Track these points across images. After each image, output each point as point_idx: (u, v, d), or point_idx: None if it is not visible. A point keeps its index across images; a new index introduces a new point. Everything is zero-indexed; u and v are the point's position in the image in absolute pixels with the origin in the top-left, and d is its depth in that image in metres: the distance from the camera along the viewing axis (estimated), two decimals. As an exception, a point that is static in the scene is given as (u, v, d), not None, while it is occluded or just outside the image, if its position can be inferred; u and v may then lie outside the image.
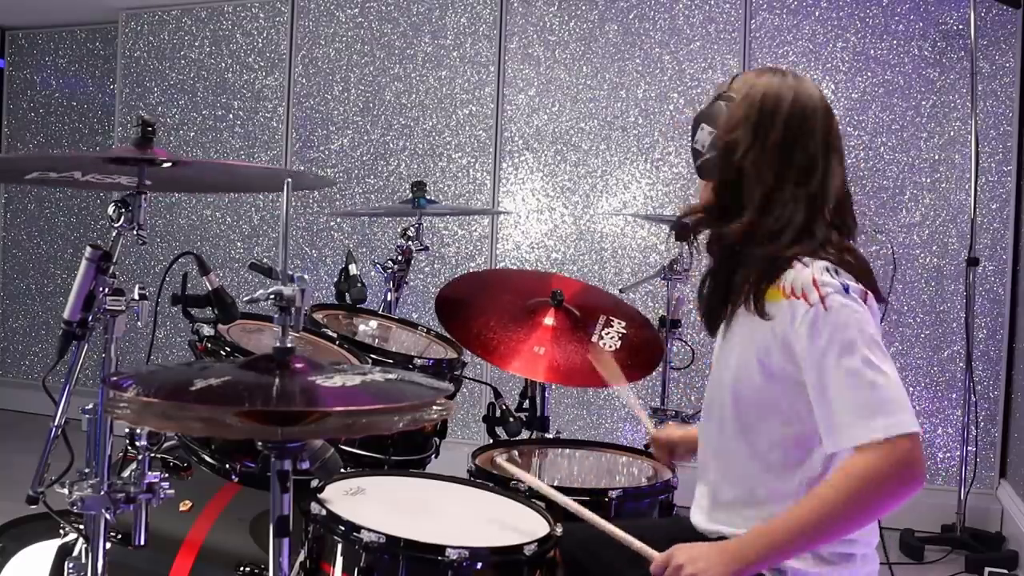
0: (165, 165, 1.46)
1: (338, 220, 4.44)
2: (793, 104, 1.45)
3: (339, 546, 1.47)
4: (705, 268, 1.59)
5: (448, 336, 2.34)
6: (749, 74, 1.52)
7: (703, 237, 1.55)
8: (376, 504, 1.64)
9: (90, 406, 1.49)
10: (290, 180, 1.31)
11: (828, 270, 1.36)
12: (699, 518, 1.56)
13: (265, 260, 2.71)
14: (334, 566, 1.48)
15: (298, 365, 1.25)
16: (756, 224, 1.43)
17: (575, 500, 1.61)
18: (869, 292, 1.38)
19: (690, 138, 1.55)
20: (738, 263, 1.48)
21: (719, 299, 1.53)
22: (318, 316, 2.29)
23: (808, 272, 1.36)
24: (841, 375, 1.31)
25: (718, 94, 1.51)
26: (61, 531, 1.77)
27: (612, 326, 2.28)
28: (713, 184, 1.50)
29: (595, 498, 1.84)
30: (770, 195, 1.43)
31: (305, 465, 1.28)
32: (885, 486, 1.29)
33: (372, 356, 2.10)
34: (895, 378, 1.31)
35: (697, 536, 1.53)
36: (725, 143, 1.46)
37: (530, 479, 1.70)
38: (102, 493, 1.45)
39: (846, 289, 1.34)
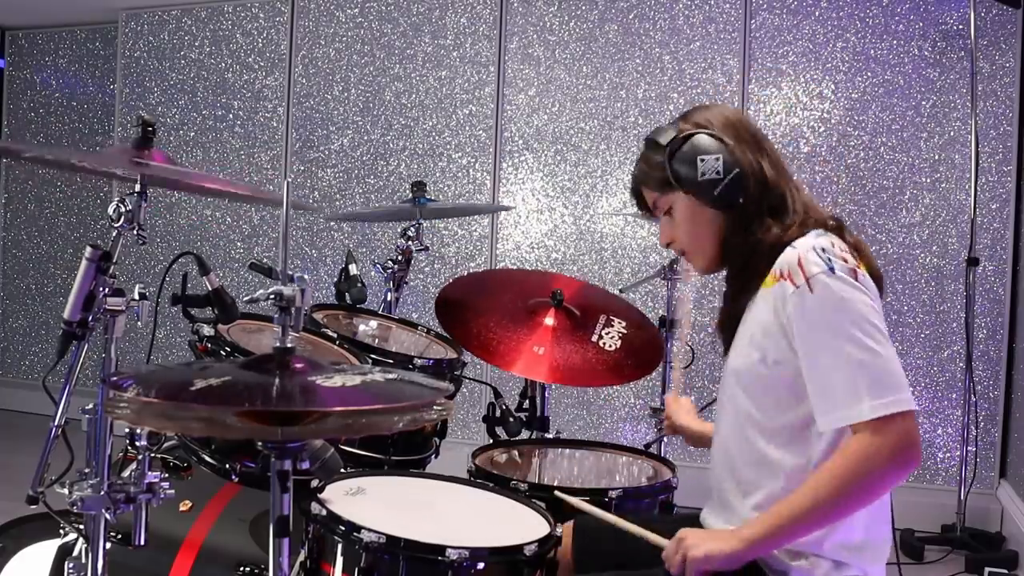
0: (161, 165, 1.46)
1: (338, 220, 4.44)
2: (737, 115, 1.56)
3: (339, 546, 1.47)
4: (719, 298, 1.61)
5: (448, 336, 2.34)
6: (690, 115, 1.55)
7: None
8: (376, 504, 1.64)
9: (90, 406, 1.49)
10: (289, 180, 1.31)
11: (815, 249, 1.37)
12: (712, 518, 1.56)
13: (265, 260, 2.71)
14: (334, 566, 1.48)
15: (298, 365, 1.25)
16: (774, 227, 1.46)
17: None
18: (860, 268, 1.37)
19: (691, 179, 1.49)
20: (751, 272, 1.48)
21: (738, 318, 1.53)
22: (318, 316, 2.29)
23: (795, 253, 1.37)
24: (829, 356, 1.31)
25: (687, 132, 1.51)
26: (61, 531, 1.77)
27: (612, 326, 2.28)
28: (731, 212, 1.50)
29: (595, 498, 1.84)
30: (782, 196, 1.48)
31: (305, 465, 1.28)
32: (881, 465, 1.28)
33: (372, 356, 2.10)
34: (888, 355, 1.31)
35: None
36: (736, 163, 1.48)
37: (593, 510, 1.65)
38: (102, 493, 1.45)
39: (831, 269, 1.34)
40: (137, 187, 1.50)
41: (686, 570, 1.36)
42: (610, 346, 2.23)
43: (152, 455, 1.51)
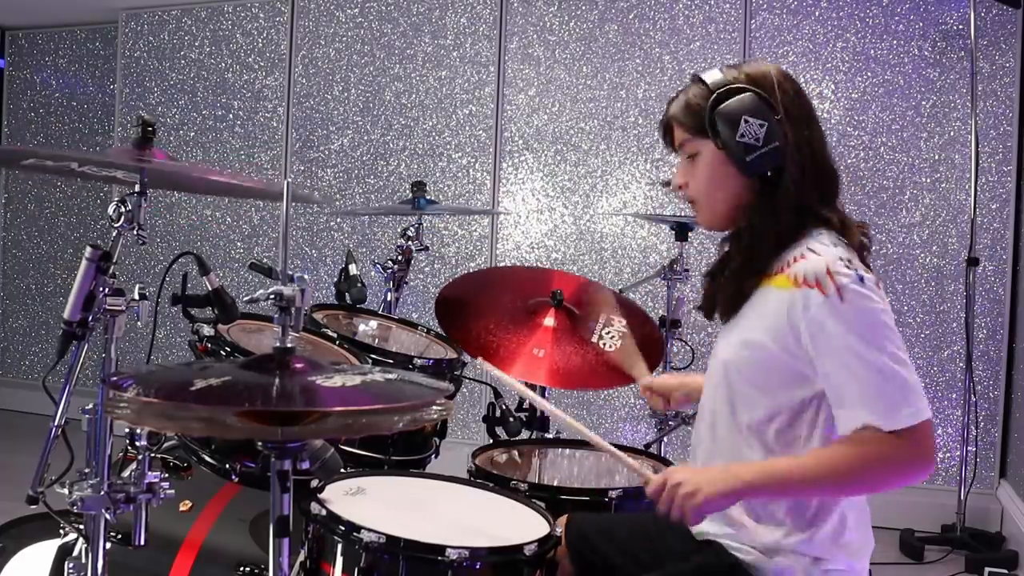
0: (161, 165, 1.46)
1: (338, 220, 4.44)
2: (786, 77, 1.48)
3: (339, 546, 1.47)
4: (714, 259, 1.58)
5: (448, 337, 2.34)
6: (746, 66, 1.49)
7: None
8: (376, 504, 1.64)
9: (90, 406, 1.49)
10: (290, 180, 1.31)
11: (841, 259, 1.36)
12: (710, 526, 1.55)
13: (265, 260, 2.71)
14: (334, 566, 1.48)
15: (298, 365, 1.25)
16: (797, 206, 1.43)
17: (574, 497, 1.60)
18: (881, 281, 1.39)
19: (727, 136, 1.44)
20: (757, 252, 1.46)
21: (735, 288, 1.49)
22: (318, 316, 2.29)
23: (822, 261, 1.35)
24: (863, 365, 1.31)
25: (738, 85, 1.45)
26: (61, 531, 1.77)
27: (612, 325, 2.28)
28: (754, 179, 1.46)
29: (595, 498, 1.84)
30: (818, 181, 1.46)
31: (305, 465, 1.29)
32: (898, 467, 1.31)
33: (372, 356, 2.10)
34: (910, 365, 1.33)
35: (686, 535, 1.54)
36: (779, 134, 1.42)
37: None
38: (102, 493, 1.45)
39: (861, 280, 1.33)
40: (137, 187, 1.50)
41: (685, 515, 1.36)
42: (610, 347, 2.22)
43: (152, 455, 1.51)
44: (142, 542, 1.50)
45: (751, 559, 1.42)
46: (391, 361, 2.15)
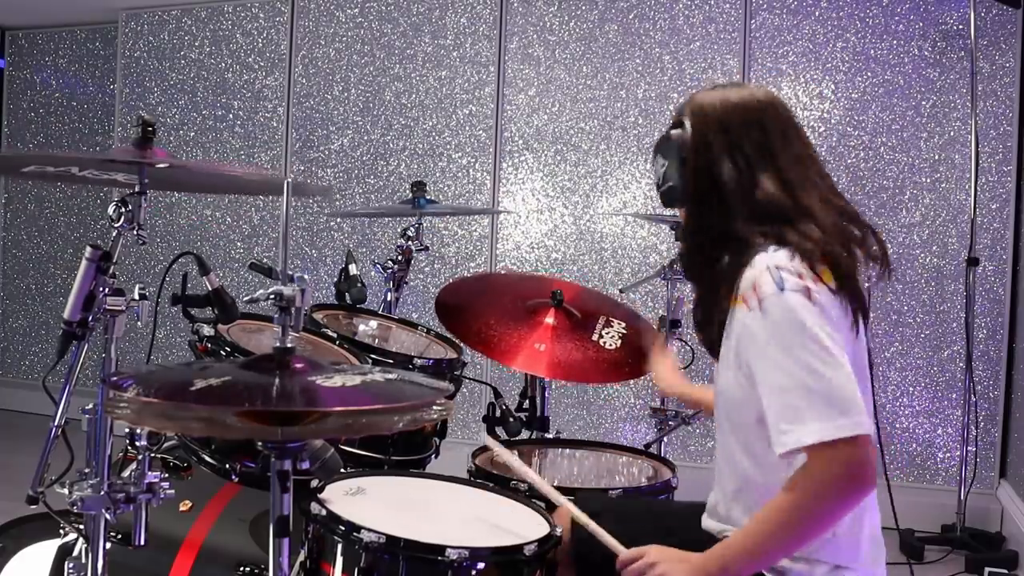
0: (160, 165, 1.46)
1: (338, 220, 4.44)
2: (742, 105, 1.46)
3: (339, 546, 1.47)
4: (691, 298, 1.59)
5: (448, 336, 2.34)
6: (695, 99, 1.51)
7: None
8: (376, 504, 1.64)
9: (90, 406, 1.49)
10: (290, 180, 1.31)
11: (769, 268, 1.32)
12: (709, 522, 1.56)
13: (265, 260, 2.71)
14: (334, 566, 1.48)
15: (298, 365, 1.25)
16: (731, 240, 1.43)
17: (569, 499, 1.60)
18: (818, 284, 1.31)
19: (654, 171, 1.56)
20: (718, 279, 1.46)
21: (714, 322, 1.49)
22: (318, 316, 2.29)
23: (752, 273, 1.35)
24: (778, 376, 1.28)
25: (673, 124, 1.51)
26: (61, 531, 1.77)
27: (612, 326, 2.28)
28: (687, 208, 1.52)
29: (595, 499, 1.84)
30: (750, 204, 1.42)
31: (305, 465, 1.29)
32: (826, 496, 1.25)
33: (372, 356, 2.10)
34: (837, 377, 1.25)
35: (689, 524, 1.54)
36: (694, 166, 1.46)
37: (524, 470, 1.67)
38: (102, 493, 1.45)
39: (781, 288, 1.29)
40: (137, 187, 1.50)
41: None
42: (610, 345, 2.23)
43: (152, 455, 1.51)
44: (142, 542, 1.50)
45: None
46: (391, 361, 2.15)
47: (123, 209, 1.48)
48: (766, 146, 1.43)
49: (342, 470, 1.87)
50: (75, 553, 1.52)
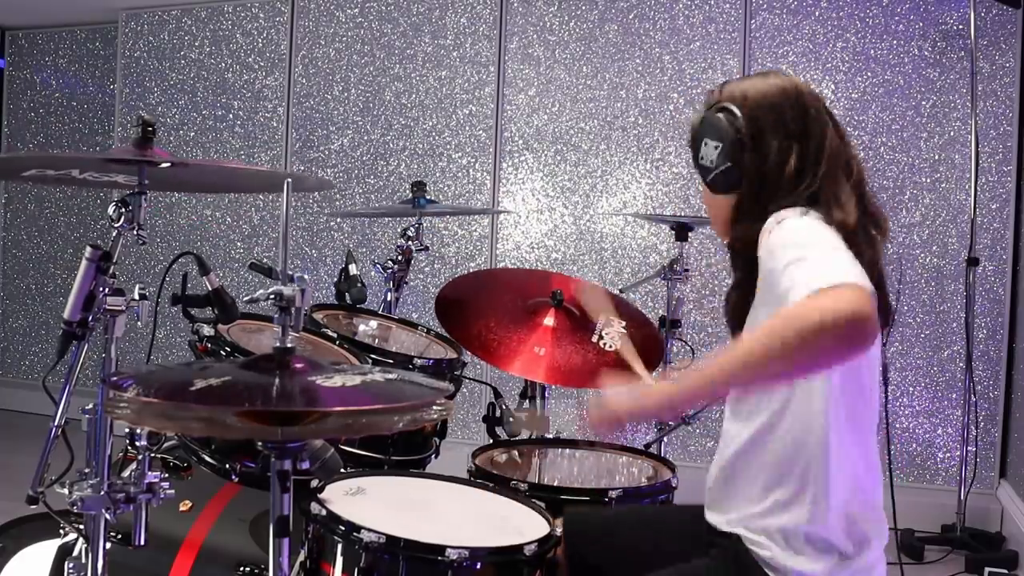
0: (163, 166, 1.46)
1: (338, 220, 4.44)
2: (784, 93, 1.46)
3: (339, 546, 1.47)
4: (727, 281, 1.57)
5: (448, 336, 2.34)
6: (732, 84, 1.51)
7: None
8: (376, 504, 1.64)
9: (90, 406, 1.49)
10: (290, 180, 1.31)
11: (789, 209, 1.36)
12: (713, 516, 1.54)
13: (265, 260, 2.71)
14: (334, 566, 1.48)
15: (298, 365, 1.25)
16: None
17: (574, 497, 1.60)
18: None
19: (694, 154, 1.51)
20: (755, 263, 1.43)
21: (737, 300, 1.50)
22: (318, 316, 2.29)
23: (772, 220, 1.36)
24: (793, 252, 1.25)
25: (714, 107, 1.49)
26: (61, 531, 1.77)
27: (612, 326, 2.28)
28: (736, 195, 1.48)
29: (595, 498, 1.84)
30: (797, 193, 1.41)
31: (305, 465, 1.29)
32: (813, 321, 1.14)
33: (372, 356, 2.10)
34: (851, 259, 1.23)
35: (687, 527, 1.54)
36: (752, 148, 1.43)
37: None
38: (102, 493, 1.45)
39: (802, 215, 1.34)
40: (137, 187, 1.50)
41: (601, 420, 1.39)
42: (610, 346, 2.22)
43: (152, 455, 1.52)
44: (142, 542, 1.50)
45: (768, 555, 1.38)
46: (391, 361, 2.15)
47: (123, 209, 1.48)
48: (809, 130, 1.44)
49: (342, 470, 1.87)
50: (75, 553, 1.52)
